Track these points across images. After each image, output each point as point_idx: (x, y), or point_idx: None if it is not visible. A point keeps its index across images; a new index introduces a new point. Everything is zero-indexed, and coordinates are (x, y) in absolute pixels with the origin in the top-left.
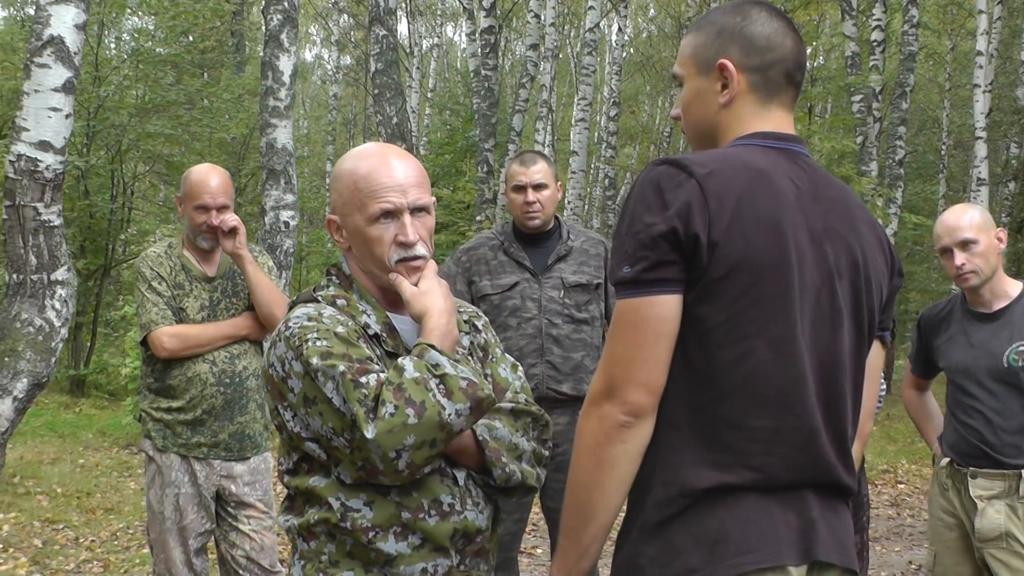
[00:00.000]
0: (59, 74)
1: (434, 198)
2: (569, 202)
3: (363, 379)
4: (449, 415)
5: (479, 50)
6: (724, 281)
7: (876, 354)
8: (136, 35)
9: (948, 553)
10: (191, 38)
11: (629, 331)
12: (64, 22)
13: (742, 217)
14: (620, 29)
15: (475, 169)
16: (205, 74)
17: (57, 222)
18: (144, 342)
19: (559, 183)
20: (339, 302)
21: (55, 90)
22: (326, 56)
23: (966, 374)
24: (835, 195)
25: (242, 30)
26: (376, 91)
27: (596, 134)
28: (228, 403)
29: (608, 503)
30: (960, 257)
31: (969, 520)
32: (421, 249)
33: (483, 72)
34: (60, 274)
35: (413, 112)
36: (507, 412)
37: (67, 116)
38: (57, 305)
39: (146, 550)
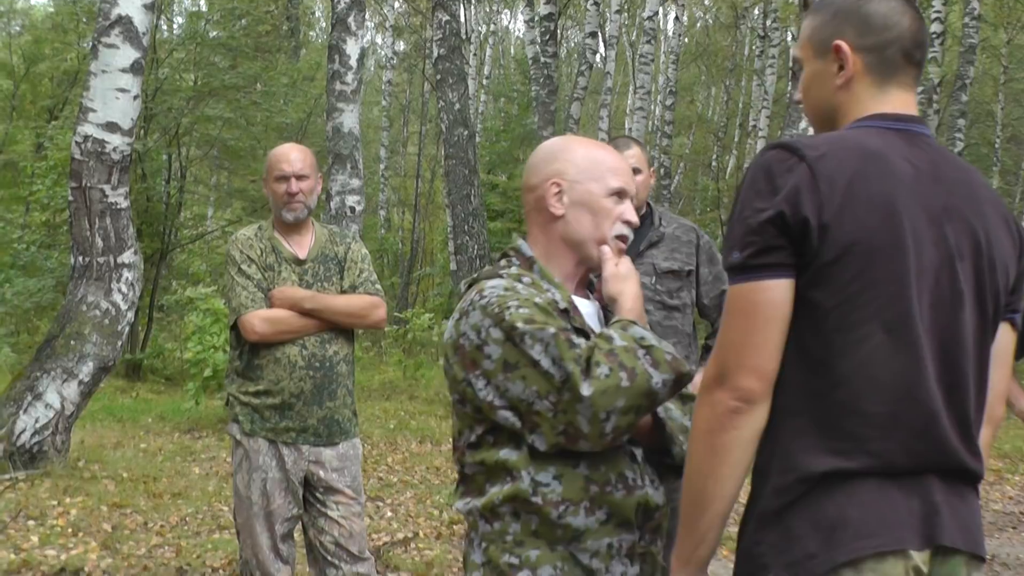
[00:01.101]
0: (127, 54)
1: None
2: None
3: (575, 339)
4: (656, 383)
5: (538, 37)
6: (836, 264)
7: (1006, 337)
8: (192, 18)
9: None
10: (245, 22)
11: (739, 317)
12: (133, 2)
13: (854, 199)
14: (677, 18)
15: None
16: (260, 59)
17: (124, 204)
18: (234, 326)
19: (652, 169)
20: (524, 279)
21: (123, 71)
22: (379, 42)
23: None
24: (958, 176)
25: (297, 14)
26: (439, 77)
27: (651, 123)
28: (317, 387)
29: (723, 490)
30: None
31: None
32: (631, 234)
33: (542, 59)
34: (127, 257)
35: (470, 99)
36: (676, 395)
37: (135, 97)
38: (123, 288)
39: (218, 535)
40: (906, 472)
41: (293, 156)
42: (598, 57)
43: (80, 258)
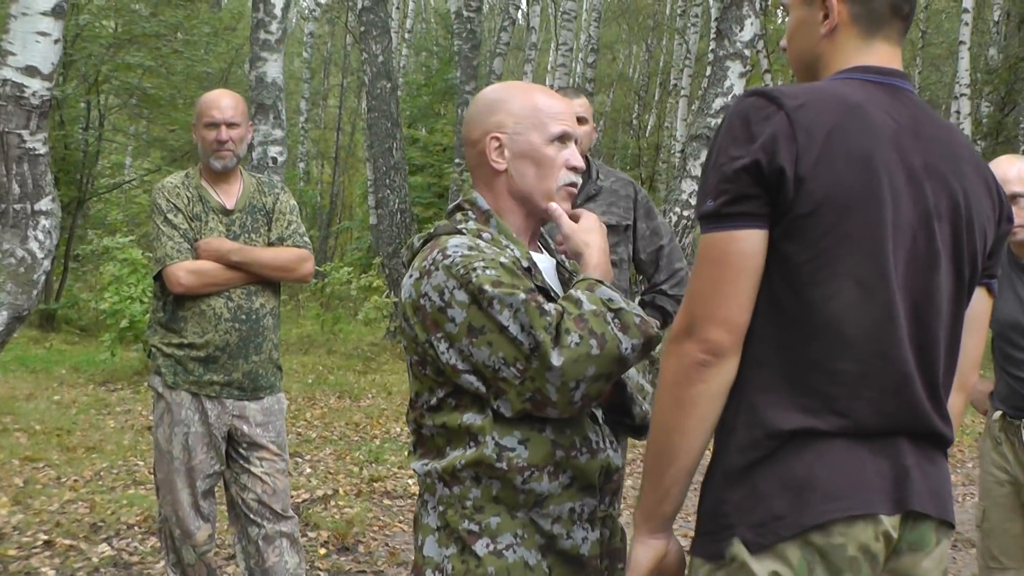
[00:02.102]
0: None
1: None
2: None
3: (545, 306)
4: (626, 349)
5: None
6: (811, 217)
7: (981, 302)
8: None
9: (997, 509)
10: None
11: (710, 267)
12: None
13: (831, 151)
14: None
15: (454, 112)
16: (181, 7)
17: (43, 150)
18: (158, 276)
19: (594, 125)
20: (484, 235)
21: (44, 14)
22: None
23: (1015, 327)
24: (939, 134)
25: None
26: (363, 28)
27: (573, 80)
28: (243, 340)
29: (689, 445)
30: None
31: (1023, 472)
32: (579, 179)
33: (465, 14)
34: (44, 204)
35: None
36: None
37: (56, 41)
38: (40, 236)
39: (133, 491)
40: (876, 433)
41: (224, 102)
42: (520, 13)
43: None
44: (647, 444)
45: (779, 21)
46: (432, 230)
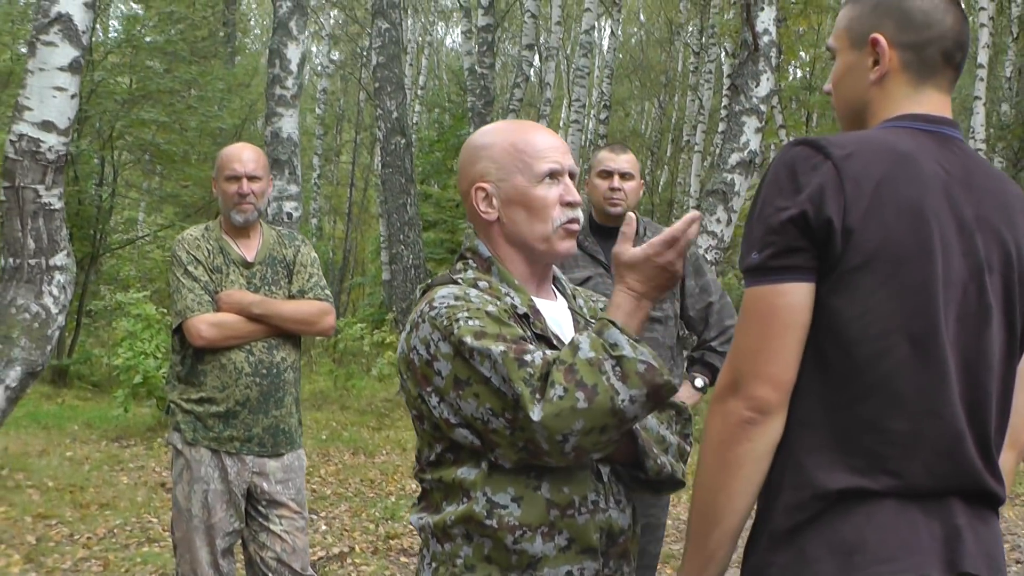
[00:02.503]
0: (66, 53)
1: None
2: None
3: (526, 358)
4: (623, 401)
5: (475, 48)
6: (861, 271)
7: None
8: (128, 21)
9: None
10: (181, 27)
11: (755, 322)
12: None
13: (881, 202)
14: (612, 32)
15: None
16: (195, 64)
17: (58, 205)
18: (177, 329)
19: (641, 182)
20: (481, 284)
21: (61, 69)
22: (315, 50)
23: None
24: (990, 184)
25: (234, 20)
26: (377, 85)
27: (585, 136)
28: (264, 395)
29: (734, 506)
30: None
31: None
32: (580, 214)
33: (479, 70)
34: (59, 259)
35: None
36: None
37: (72, 96)
38: (55, 291)
39: (147, 548)
40: (928, 494)
41: (245, 156)
42: (533, 70)
43: (11, 260)
44: (691, 505)
45: (790, 78)
46: (429, 282)
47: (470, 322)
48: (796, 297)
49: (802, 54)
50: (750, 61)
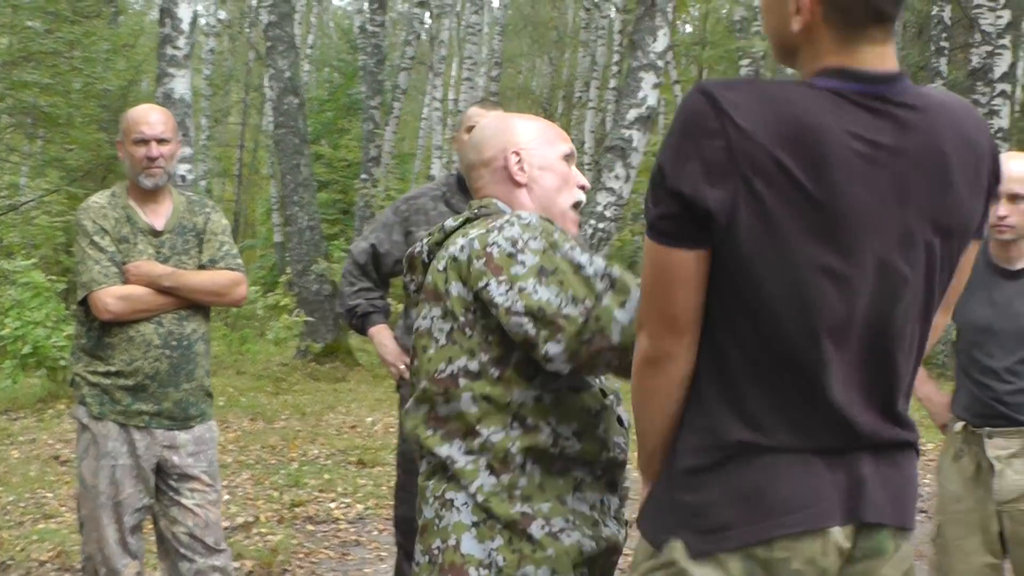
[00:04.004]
0: None
1: None
2: (455, 161)
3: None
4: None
5: (366, 6)
6: (747, 244)
7: (970, 254)
8: None
9: (953, 525)
10: None
11: (651, 268)
12: None
13: (779, 186)
14: None
15: (359, 127)
16: (79, 24)
17: None
18: (83, 301)
19: None
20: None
21: None
22: (200, 9)
23: (986, 331)
24: (924, 141)
25: None
26: (269, 44)
27: (477, 94)
28: (174, 368)
29: (652, 429)
30: (1004, 208)
31: (986, 485)
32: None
33: (369, 28)
34: None
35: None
36: None
37: None
38: None
39: (43, 525)
40: (829, 450)
41: (153, 118)
42: (425, 28)
43: None
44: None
45: (679, 32)
46: (470, 213)
47: (565, 236)
48: (684, 262)
49: (693, 11)
50: (647, 16)
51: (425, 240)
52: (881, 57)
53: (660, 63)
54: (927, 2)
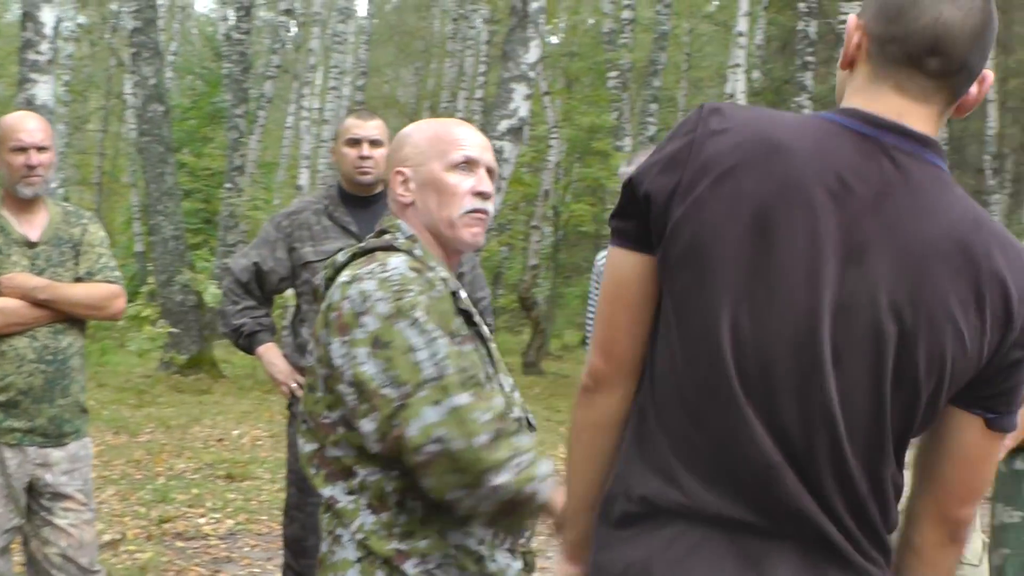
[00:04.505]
0: None
1: None
2: (320, 171)
3: (466, 364)
4: (490, 479)
5: (231, 13)
6: (681, 262)
7: (973, 433)
8: None
9: None
10: None
11: (604, 280)
12: None
13: (718, 194)
14: None
15: (224, 136)
16: None
17: None
18: None
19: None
20: (415, 251)
21: None
22: (60, 13)
23: None
24: (915, 213)
25: None
26: (134, 50)
27: (342, 104)
28: (49, 383)
29: (575, 470)
30: None
31: None
32: (490, 207)
33: (235, 36)
34: None
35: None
36: None
37: None
38: None
39: None
40: (738, 527)
41: (31, 125)
42: (291, 36)
43: None
44: None
45: (549, 42)
46: (362, 246)
47: (421, 297)
48: (624, 265)
49: (560, 23)
50: (519, 28)
51: (322, 274)
52: (902, 110)
53: (532, 74)
54: (792, 16)
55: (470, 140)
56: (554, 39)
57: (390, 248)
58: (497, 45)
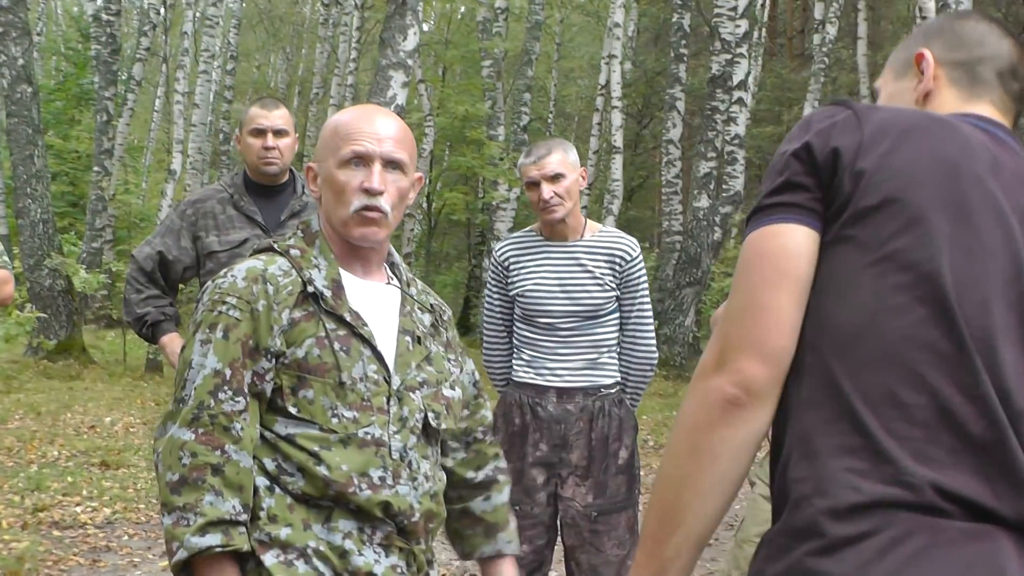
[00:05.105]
0: None
1: (420, 173)
2: (189, 154)
3: (221, 395)
4: (167, 515)
5: None
6: (879, 212)
7: None
8: None
9: None
10: None
11: (744, 274)
12: None
13: (908, 147)
14: None
15: (92, 118)
16: None
17: None
18: None
19: (296, 135)
20: (293, 252)
21: None
22: None
23: None
24: None
25: None
26: (1, 30)
27: (211, 88)
28: None
29: (701, 507)
30: None
31: None
32: (384, 203)
33: (105, 17)
34: None
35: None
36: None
37: None
38: None
39: None
40: (978, 509)
41: None
42: (161, 18)
43: None
44: (650, 503)
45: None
46: (256, 245)
47: (231, 312)
48: (792, 239)
49: (432, 11)
50: (397, 15)
51: None
52: (1000, 117)
53: (409, 62)
54: (666, 8)
55: (366, 132)
56: (427, 26)
57: (269, 250)
58: (368, 31)
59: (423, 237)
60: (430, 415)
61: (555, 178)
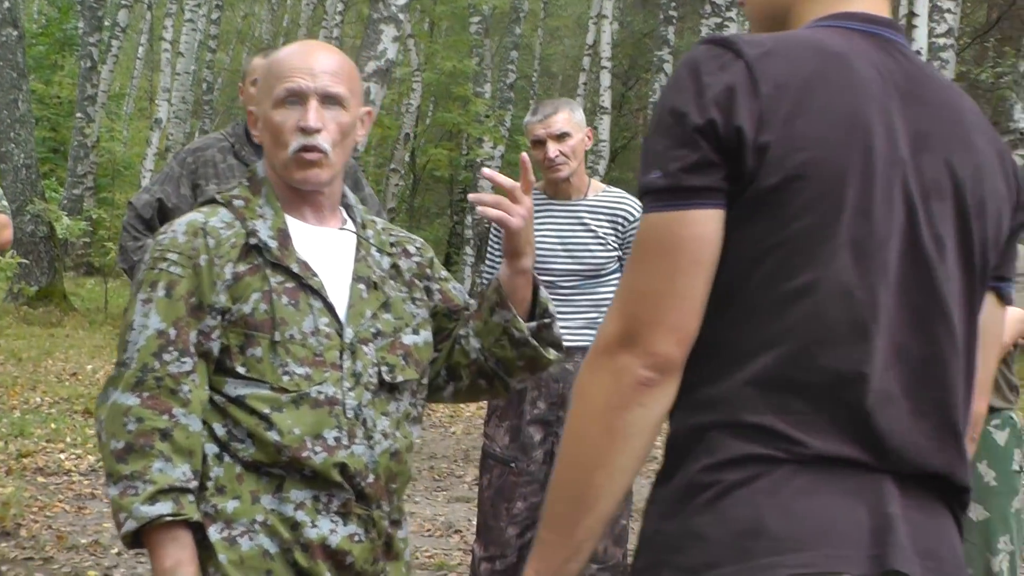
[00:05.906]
0: None
1: (368, 108)
2: (173, 103)
3: (166, 356)
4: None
5: None
6: (780, 192)
7: (991, 311)
8: None
9: None
10: None
11: (659, 257)
12: None
13: (807, 109)
14: None
15: (75, 63)
16: None
17: None
18: None
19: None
20: (236, 203)
21: None
22: None
23: None
24: (940, 96)
25: None
26: None
27: (196, 36)
28: None
29: (614, 486)
30: None
31: None
32: (323, 141)
33: None
34: None
35: None
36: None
37: None
38: None
39: None
40: (851, 468)
41: None
42: None
43: None
44: (551, 487)
45: None
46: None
47: (172, 268)
48: (707, 227)
49: None
50: None
51: None
52: (880, 6)
53: (401, 16)
54: None
55: (299, 68)
56: None
57: (212, 201)
58: None
59: (406, 192)
60: (383, 369)
61: (561, 137)
